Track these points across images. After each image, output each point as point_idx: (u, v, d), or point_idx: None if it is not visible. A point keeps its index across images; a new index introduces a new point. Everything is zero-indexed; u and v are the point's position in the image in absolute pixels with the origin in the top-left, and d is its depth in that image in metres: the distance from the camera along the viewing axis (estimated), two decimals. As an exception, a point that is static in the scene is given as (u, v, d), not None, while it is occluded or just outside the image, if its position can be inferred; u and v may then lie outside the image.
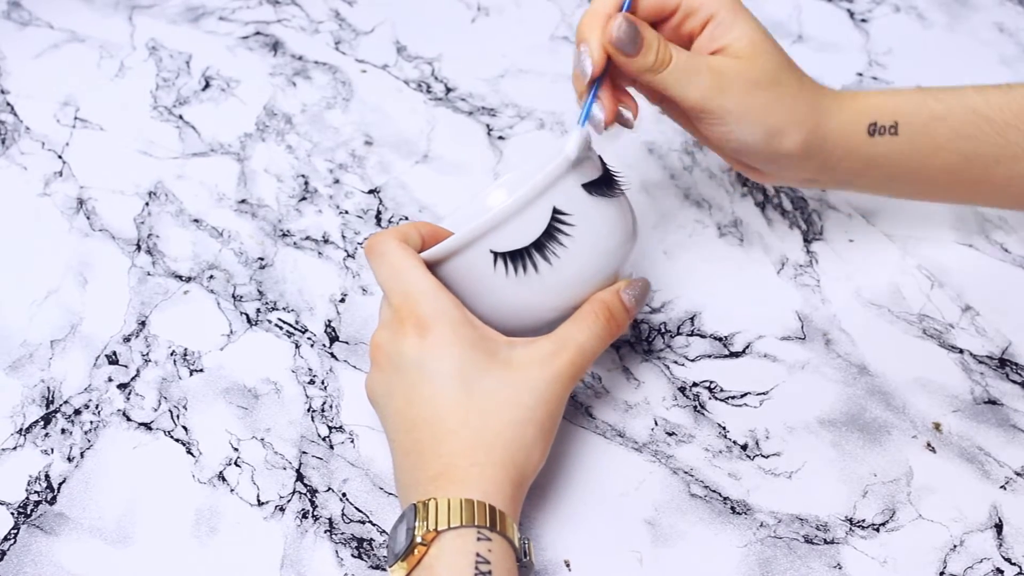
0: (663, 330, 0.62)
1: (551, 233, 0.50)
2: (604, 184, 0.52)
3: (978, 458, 0.56)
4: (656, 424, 0.58)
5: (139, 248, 0.66)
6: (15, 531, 0.53)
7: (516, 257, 0.50)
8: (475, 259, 0.50)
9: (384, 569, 0.52)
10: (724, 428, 0.57)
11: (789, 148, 0.54)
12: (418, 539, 0.45)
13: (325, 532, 0.54)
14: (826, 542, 0.53)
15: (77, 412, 0.58)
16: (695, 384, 0.59)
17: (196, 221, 0.68)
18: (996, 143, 0.55)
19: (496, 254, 0.50)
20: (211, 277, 0.65)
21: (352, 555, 0.53)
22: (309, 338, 0.62)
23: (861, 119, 0.55)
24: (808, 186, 0.65)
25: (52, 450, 0.57)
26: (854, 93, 0.57)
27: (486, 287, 0.51)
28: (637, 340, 0.61)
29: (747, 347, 0.61)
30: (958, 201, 0.64)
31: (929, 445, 0.56)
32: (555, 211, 0.50)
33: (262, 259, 0.66)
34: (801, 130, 0.54)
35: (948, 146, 0.56)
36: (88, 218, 0.68)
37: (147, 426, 0.58)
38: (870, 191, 0.60)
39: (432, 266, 0.51)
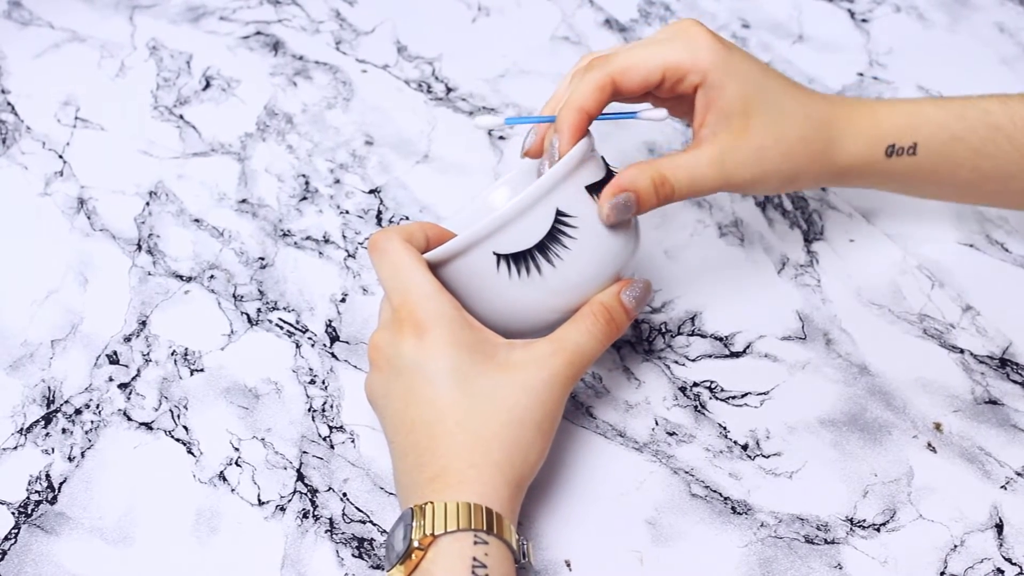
0: (664, 330, 0.62)
1: (554, 235, 0.50)
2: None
3: (979, 458, 0.56)
4: (657, 424, 0.58)
5: (140, 248, 0.66)
6: (16, 531, 0.53)
7: (519, 259, 0.50)
8: (478, 261, 0.50)
9: (384, 569, 0.52)
10: (725, 428, 0.57)
11: (807, 183, 0.55)
12: (415, 543, 0.45)
13: (326, 532, 0.54)
14: (827, 542, 0.53)
15: (78, 412, 0.58)
16: (696, 384, 0.59)
17: (197, 221, 0.68)
18: (1015, 160, 0.55)
19: (499, 256, 0.50)
20: (212, 277, 0.65)
21: (352, 555, 0.53)
22: (310, 338, 0.62)
23: (879, 143, 0.55)
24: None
25: (53, 450, 0.57)
26: (872, 108, 0.56)
27: (489, 289, 0.51)
28: (638, 340, 0.61)
29: (748, 347, 0.61)
30: (973, 203, 0.64)
31: (930, 445, 0.56)
32: (558, 213, 0.50)
33: (263, 259, 0.66)
34: (816, 168, 0.54)
35: (967, 164, 0.56)
36: (89, 218, 0.68)
37: (148, 426, 0.58)
38: (888, 192, 0.61)
39: (435, 267, 0.51)
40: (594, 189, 0.51)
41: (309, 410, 0.59)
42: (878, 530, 0.53)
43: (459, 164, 0.72)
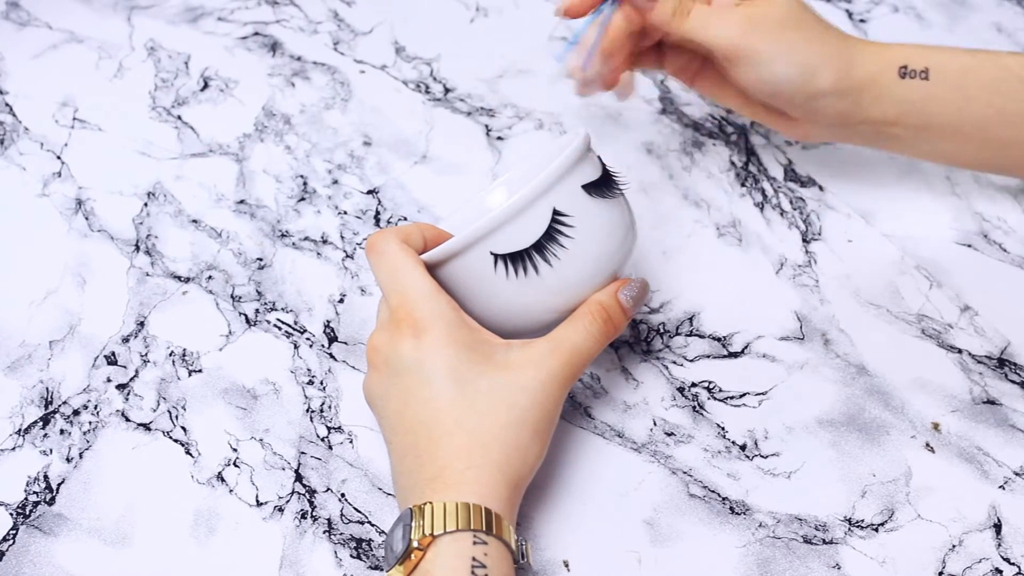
0: (662, 330, 0.62)
1: (551, 235, 0.50)
2: (603, 185, 0.52)
3: (977, 458, 0.56)
4: (655, 424, 0.58)
5: (138, 249, 0.66)
6: (14, 532, 0.53)
7: (516, 259, 0.50)
8: (475, 261, 0.50)
9: (382, 570, 0.52)
10: (723, 428, 0.57)
11: (823, 86, 0.56)
12: (415, 543, 0.45)
13: (324, 532, 0.54)
14: (825, 542, 0.53)
15: (76, 413, 0.58)
16: (694, 384, 0.59)
17: (195, 222, 0.68)
18: None
19: (496, 256, 0.50)
20: (210, 278, 0.65)
21: (351, 555, 0.53)
22: (308, 338, 0.62)
23: (892, 62, 0.57)
24: (840, 139, 0.63)
25: (51, 451, 0.57)
26: (883, 43, 0.59)
27: (486, 289, 0.51)
28: (636, 340, 0.62)
29: (746, 347, 0.61)
30: (988, 166, 0.63)
31: (928, 445, 0.57)
32: (555, 212, 0.50)
33: (261, 259, 0.66)
34: (833, 67, 0.56)
35: (979, 98, 0.57)
36: (87, 219, 0.68)
37: (146, 427, 0.58)
38: (903, 148, 0.61)
39: (432, 268, 0.51)
40: (591, 188, 0.51)
41: (307, 411, 0.59)
42: (876, 530, 0.53)
43: (457, 165, 0.72)
